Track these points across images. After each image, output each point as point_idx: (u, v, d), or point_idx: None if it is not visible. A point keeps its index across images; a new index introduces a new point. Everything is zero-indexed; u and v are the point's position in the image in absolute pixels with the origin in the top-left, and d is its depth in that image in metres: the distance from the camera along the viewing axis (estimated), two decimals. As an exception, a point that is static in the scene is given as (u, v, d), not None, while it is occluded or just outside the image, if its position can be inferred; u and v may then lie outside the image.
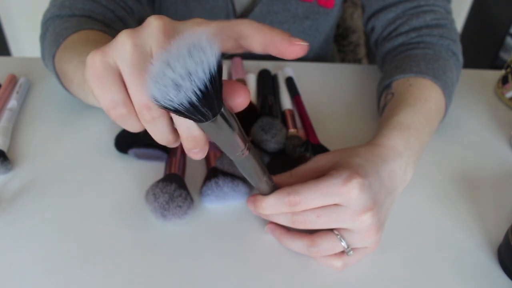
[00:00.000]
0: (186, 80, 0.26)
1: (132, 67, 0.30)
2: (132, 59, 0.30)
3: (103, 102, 0.32)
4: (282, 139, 0.53)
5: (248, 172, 0.39)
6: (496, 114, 0.65)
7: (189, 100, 0.27)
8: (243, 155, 0.35)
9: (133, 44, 0.30)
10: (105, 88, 0.31)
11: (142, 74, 0.30)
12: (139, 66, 0.30)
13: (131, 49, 0.30)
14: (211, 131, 0.31)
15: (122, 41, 0.30)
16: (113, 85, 0.31)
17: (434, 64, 0.56)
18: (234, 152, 0.35)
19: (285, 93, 0.64)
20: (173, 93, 0.27)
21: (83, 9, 0.56)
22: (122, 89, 0.31)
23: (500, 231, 0.47)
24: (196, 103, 0.27)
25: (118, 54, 0.30)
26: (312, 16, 0.74)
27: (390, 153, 0.44)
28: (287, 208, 0.40)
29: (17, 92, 0.61)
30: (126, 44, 0.30)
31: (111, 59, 0.31)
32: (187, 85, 0.26)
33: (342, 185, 0.38)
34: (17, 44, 1.69)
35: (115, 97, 0.31)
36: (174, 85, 0.27)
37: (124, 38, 0.30)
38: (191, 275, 0.41)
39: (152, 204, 0.44)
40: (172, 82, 0.26)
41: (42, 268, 0.41)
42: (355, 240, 0.40)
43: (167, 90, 0.27)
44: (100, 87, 0.31)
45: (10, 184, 0.49)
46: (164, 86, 0.27)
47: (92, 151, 0.54)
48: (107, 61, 0.31)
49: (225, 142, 0.33)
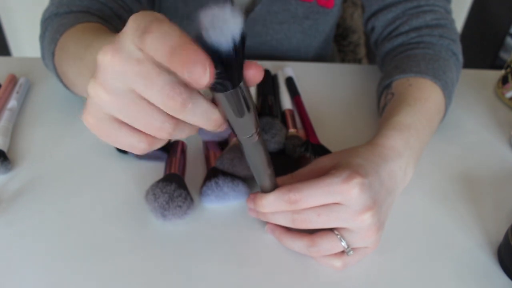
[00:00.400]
0: (223, 25, 0.26)
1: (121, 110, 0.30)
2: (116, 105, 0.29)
3: (122, 148, 0.32)
4: (282, 139, 0.53)
5: (254, 160, 0.38)
6: (496, 114, 0.65)
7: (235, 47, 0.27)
8: (254, 140, 0.35)
9: (106, 92, 0.29)
10: (114, 137, 0.31)
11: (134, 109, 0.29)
12: (127, 106, 0.29)
13: (108, 98, 0.29)
14: (227, 105, 0.31)
15: (95, 95, 0.30)
16: (119, 133, 0.31)
17: (434, 64, 0.56)
18: (245, 133, 0.35)
19: (285, 93, 0.64)
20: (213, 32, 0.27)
21: (81, 6, 0.56)
22: (128, 131, 0.31)
23: (500, 231, 0.47)
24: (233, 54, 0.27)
25: (101, 106, 0.30)
26: (312, 16, 0.74)
27: (390, 153, 0.44)
28: (288, 206, 0.40)
29: (17, 92, 0.61)
30: (102, 96, 0.29)
31: (99, 113, 0.31)
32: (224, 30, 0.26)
33: (342, 184, 0.38)
34: (17, 44, 1.69)
35: (127, 141, 0.31)
36: (213, 27, 0.26)
37: (95, 92, 0.30)
38: (191, 275, 0.41)
39: (152, 204, 0.44)
40: (211, 24, 0.26)
41: (42, 268, 0.41)
42: (355, 240, 0.40)
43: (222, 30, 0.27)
44: (110, 139, 0.32)
45: (10, 184, 0.49)
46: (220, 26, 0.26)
47: (92, 151, 0.54)
48: (98, 116, 0.31)
49: (239, 120, 0.33)
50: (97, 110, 0.31)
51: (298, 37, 0.77)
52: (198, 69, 0.26)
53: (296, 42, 0.77)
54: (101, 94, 0.29)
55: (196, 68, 0.26)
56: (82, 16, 0.55)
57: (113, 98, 0.29)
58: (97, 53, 0.39)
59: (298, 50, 0.79)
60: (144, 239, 0.44)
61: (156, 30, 0.27)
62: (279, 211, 0.41)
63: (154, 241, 0.44)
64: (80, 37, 0.49)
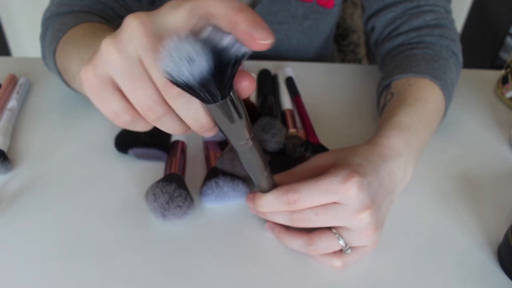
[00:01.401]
0: (199, 56, 0.27)
1: (122, 74, 0.30)
2: (120, 66, 0.30)
3: (106, 113, 0.32)
4: (282, 139, 0.53)
5: (250, 165, 0.39)
6: (496, 114, 0.65)
7: (200, 76, 0.27)
8: (247, 145, 0.36)
9: (117, 51, 0.30)
10: (104, 100, 0.31)
11: (134, 78, 0.30)
12: (129, 71, 0.30)
13: (116, 56, 0.30)
14: (218, 115, 0.31)
15: (106, 50, 0.30)
16: (111, 96, 0.31)
17: (434, 64, 0.56)
18: (239, 140, 0.35)
19: (285, 93, 0.64)
20: (186, 67, 0.27)
21: (82, 6, 0.56)
22: (120, 98, 0.31)
23: (500, 231, 0.47)
24: (207, 80, 0.28)
25: (106, 64, 0.30)
26: (312, 16, 0.74)
27: (389, 153, 0.44)
28: (286, 206, 0.40)
29: (17, 92, 0.61)
30: (111, 53, 0.30)
31: (102, 70, 0.31)
32: (200, 60, 0.27)
33: (340, 183, 0.38)
34: (17, 44, 1.69)
35: (115, 107, 0.32)
36: (187, 59, 0.27)
37: (107, 47, 0.30)
38: (191, 275, 0.41)
39: (152, 204, 0.44)
40: (186, 56, 0.27)
41: (42, 267, 0.41)
42: (353, 239, 0.40)
43: (180, 64, 0.27)
44: (99, 100, 0.32)
45: (10, 184, 0.49)
46: (178, 60, 0.27)
47: (92, 151, 0.54)
48: (99, 73, 0.31)
49: (231, 128, 0.33)
50: (100, 67, 0.31)
51: (298, 37, 0.77)
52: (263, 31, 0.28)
53: (296, 42, 0.77)
54: (112, 52, 0.30)
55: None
56: (84, 15, 0.55)
57: (121, 60, 0.30)
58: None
59: (298, 50, 0.79)
60: (144, 239, 0.44)
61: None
62: (278, 211, 0.41)
63: (154, 241, 0.44)
64: (83, 34, 0.49)
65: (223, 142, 0.54)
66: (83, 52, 0.46)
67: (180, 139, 0.54)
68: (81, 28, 0.52)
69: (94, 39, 0.46)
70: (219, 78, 0.28)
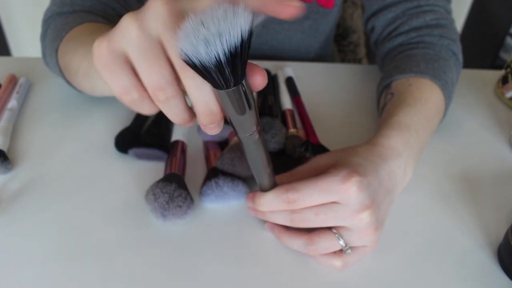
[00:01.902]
0: (217, 38, 0.27)
1: (139, 51, 0.30)
2: (138, 43, 0.30)
3: (114, 88, 0.32)
4: (282, 139, 0.53)
5: (254, 159, 0.38)
6: (496, 114, 0.65)
7: (216, 58, 0.27)
8: (254, 138, 0.35)
9: (138, 27, 0.29)
10: (114, 74, 0.31)
11: (151, 56, 0.30)
12: (146, 49, 0.30)
13: (136, 33, 0.29)
14: (229, 103, 0.31)
15: (126, 26, 0.30)
16: (123, 71, 0.31)
17: (434, 64, 0.56)
18: (246, 131, 0.35)
19: (285, 93, 0.64)
20: (202, 48, 0.27)
21: (84, 6, 0.56)
22: (131, 74, 0.31)
23: (500, 231, 0.47)
24: (222, 64, 0.28)
25: (124, 39, 0.30)
26: (312, 16, 0.74)
27: (389, 152, 0.44)
28: (286, 205, 0.40)
29: (17, 92, 0.61)
30: (131, 29, 0.30)
31: (118, 45, 0.30)
32: (217, 42, 0.27)
33: (340, 183, 0.38)
34: (17, 44, 1.69)
35: (125, 83, 0.31)
36: (204, 41, 0.27)
37: (128, 23, 0.30)
38: (191, 275, 0.41)
39: (152, 204, 0.44)
40: (204, 38, 0.27)
41: (42, 267, 0.41)
42: (353, 239, 0.40)
43: (197, 44, 0.27)
44: (110, 74, 0.31)
45: (10, 184, 0.49)
46: (195, 40, 0.27)
47: (92, 151, 0.54)
48: (114, 47, 0.30)
49: (240, 118, 0.33)
50: (116, 41, 0.30)
51: (298, 37, 0.77)
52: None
53: (296, 42, 0.77)
54: (133, 27, 0.29)
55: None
56: (86, 15, 0.55)
57: (141, 36, 0.29)
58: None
59: (298, 50, 0.79)
60: (144, 239, 0.44)
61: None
62: (278, 210, 0.41)
63: (154, 241, 0.44)
64: (93, 31, 0.49)
65: (223, 142, 0.54)
66: (86, 48, 0.45)
67: (180, 139, 0.54)
68: (86, 27, 0.52)
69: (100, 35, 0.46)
70: (234, 62, 0.28)
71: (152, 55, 0.30)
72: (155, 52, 0.30)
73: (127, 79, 0.31)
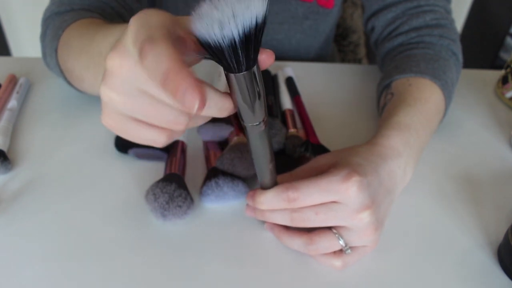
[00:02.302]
0: (231, 20, 0.27)
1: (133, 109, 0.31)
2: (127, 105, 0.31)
3: (144, 143, 0.33)
4: (282, 139, 0.53)
5: (258, 152, 0.38)
6: (496, 114, 0.65)
7: (230, 39, 0.28)
8: (261, 128, 0.36)
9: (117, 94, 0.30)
10: (135, 135, 0.33)
11: (146, 107, 0.30)
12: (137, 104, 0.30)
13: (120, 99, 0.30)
14: (239, 88, 0.32)
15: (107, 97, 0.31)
16: (138, 130, 0.32)
17: (434, 64, 0.56)
18: (253, 121, 0.35)
19: (285, 93, 0.64)
20: (216, 29, 0.27)
21: (82, 4, 0.57)
22: (147, 126, 0.32)
23: (500, 231, 0.47)
24: (236, 45, 0.28)
25: (115, 108, 0.31)
26: (312, 16, 0.74)
27: (389, 152, 0.44)
28: (286, 204, 0.40)
29: (17, 92, 0.61)
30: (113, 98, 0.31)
31: (114, 113, 0.32)
32: (232, 24, 0.27)
33: (340, 182, 0.38)
34: (17, 44, 1.69)
35: (148, 136, 0.32)
36: (219, 22, 0.27)
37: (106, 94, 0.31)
38: (191, 275, 0.41)
39: (152, 204, 0.44)
40: (217, 20, 0.27)
41: (42, 267, 0.41)
42: (353, 239, 0.40)
43: (211, 25, 0.27)
44: (132, 137, 0.33)
45: (10, 184, 0.49)
46: (210, 21, 0.27)
47: (92, 151, 0.54)
48: (115, 117, 0.32)
49: (249, 106, 0.33)
50: (113, 112, 0.32)
51: (298, 37, 0.77)
52: (188, 99, 0.27)
53: (296, 42, 0.77)
54: (114, 97, 0.30)
55: (186, 97, 0.27)
56: (83, 13, 0.55)
57: (126, 100, 0.30)
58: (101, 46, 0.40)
59: (298, 50, 0.79)
60: (144, 239, 0.44)
61: (149, 53, 0.28)
62: (277, 208, 0.41)
63: (154, 241, 0.44)
64: (83, 32, 0.49)
65: (223, 142, 0.54)
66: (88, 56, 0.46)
67: (180, 139, 0.54)
68: (80, 24, 0.52)
69: (94, 33, 0.46)
70: (247, 45, 0.29)
71: (148, 107, 0.30)
72: (149, 104, 0.30)
73: (146, 133, 0.32)
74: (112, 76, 0.30)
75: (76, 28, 0.51)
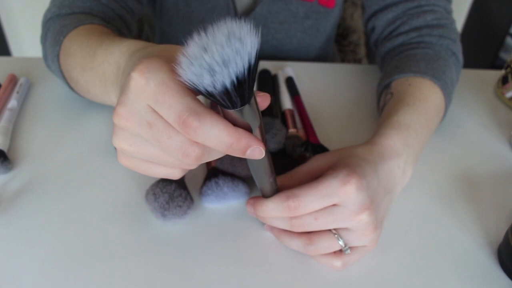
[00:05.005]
0: (222, 67, 0.26)
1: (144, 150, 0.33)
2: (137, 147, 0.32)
3: (162, 176, 0.35)
4: (282, 139, 0.53)
5: (257, 169, 0.38)
6: (496, 114, 0.65)
7: (222, 86, 0.27)
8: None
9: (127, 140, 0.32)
10: (152, 170, 0.34)
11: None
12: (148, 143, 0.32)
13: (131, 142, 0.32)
14: (237, 120, 0.31)
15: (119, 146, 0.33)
16: (155, 169, 0.34)
17: (433, 64, 0.56)
18: None
19: (285, 93, 0.64)
20: (207, 77, 0.27)
21: (83, 7, 0.56)
22: (162, 167, 0.34)
23: (500, 231, 0.47)
24: (229, 91, 0.28)
25: (128, 150, 0.33)
26: (313, 16, 0.74)
27: (388, 152, 0.44)
28: (286, 212, 0.40)
29: (17, 92, 0.61)
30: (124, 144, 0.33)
31: (130, 155, 0.33)
32: (224, 72, 0.27)
33: (339, 185, 0.38)
34: (17, 44, 1.69)
35: (164, 173, 0.34)
36: (209, 70, 0.26)
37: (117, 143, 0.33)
38: (191, 275, 0.41)
39: (152, 204, 0.44)
40: (208, 67, 0.26)
41: (42, 268, 0.41)
42: (352, 239, 0.40)
43: (201, 73, 0.27)
44: (150, 173, 0.34)
45: (10, 184, 0.49)
46: (199, 69, 0.27)
47: (92, 151, 0.54)
48: (129, 159, 0.34)
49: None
50: (127, 157, 0.34)
51: (299, 37, 0.77)
52: (257, 153, 0.32)
53: (297, 42, 0.77)
54: (126, 147, 0.33)
55: (255, 153, 0.32)
56: (84, 17, 0.55)
57: (138, 149, 0.32)
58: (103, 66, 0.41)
59: (299, 50, 0.79)
60: (144, 239, 0.44)
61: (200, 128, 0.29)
62: (278, 216, 0.41)
63: (154, 241, 0.44)
64: (84, 43, 0.49)
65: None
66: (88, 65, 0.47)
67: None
68: (81, 32, 0.52)
69: (96, 47, 0.46)
70: (241, 88, 0.28)
71: (160, 154, 0.32)
72: (161, 152, 0.32)
73: (162, 170, 0.34)
74: (121, 130, 0.32)
75: (78, 36, 0.51)
